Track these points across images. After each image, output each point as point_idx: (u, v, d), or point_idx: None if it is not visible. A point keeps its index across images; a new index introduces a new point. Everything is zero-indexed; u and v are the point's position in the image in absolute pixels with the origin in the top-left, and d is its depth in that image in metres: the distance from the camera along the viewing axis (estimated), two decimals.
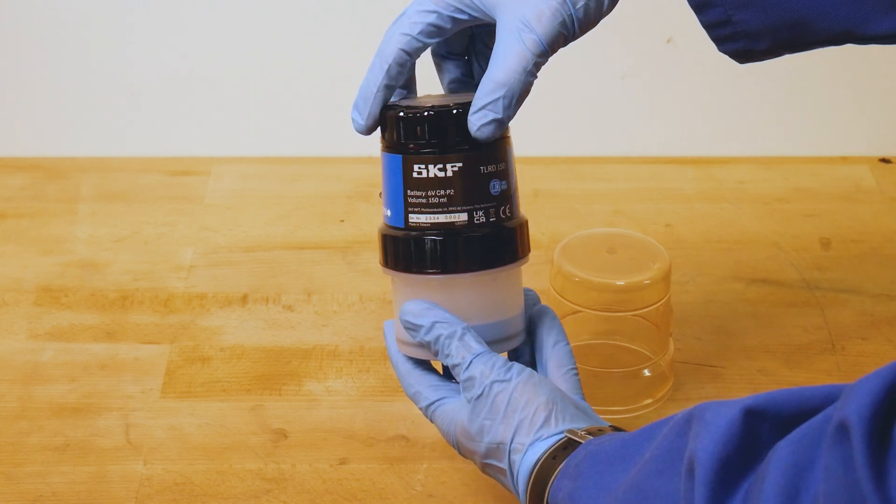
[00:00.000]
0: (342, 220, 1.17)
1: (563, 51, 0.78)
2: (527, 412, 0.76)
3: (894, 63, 1.24)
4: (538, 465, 0.74)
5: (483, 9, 0.77)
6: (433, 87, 0.84)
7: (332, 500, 0.86)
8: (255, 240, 1.14)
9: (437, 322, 0.78)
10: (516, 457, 0.76)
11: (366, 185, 1.21)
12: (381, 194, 0.80)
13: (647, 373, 0.94)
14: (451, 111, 0.77)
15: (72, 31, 1.23)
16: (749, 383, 0.97)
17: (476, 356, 0.77)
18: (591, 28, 0.78)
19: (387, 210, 0.80)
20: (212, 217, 1.17)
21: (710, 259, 1.11)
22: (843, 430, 0.55)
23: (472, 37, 0.82)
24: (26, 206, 1.19)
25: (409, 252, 0.79)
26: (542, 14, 0.75)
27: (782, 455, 0.59)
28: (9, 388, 0.97)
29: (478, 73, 0.83)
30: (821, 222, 1.17)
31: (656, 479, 0.66)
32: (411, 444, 0.91)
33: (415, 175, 0.78)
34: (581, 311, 0.92)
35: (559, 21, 0.76)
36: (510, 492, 0.78)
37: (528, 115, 0.83)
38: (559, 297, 0.92)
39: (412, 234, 0.78)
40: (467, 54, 0.83)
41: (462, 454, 0.80)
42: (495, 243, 0.79)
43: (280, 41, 1.24)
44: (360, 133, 0.80)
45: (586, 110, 1.26)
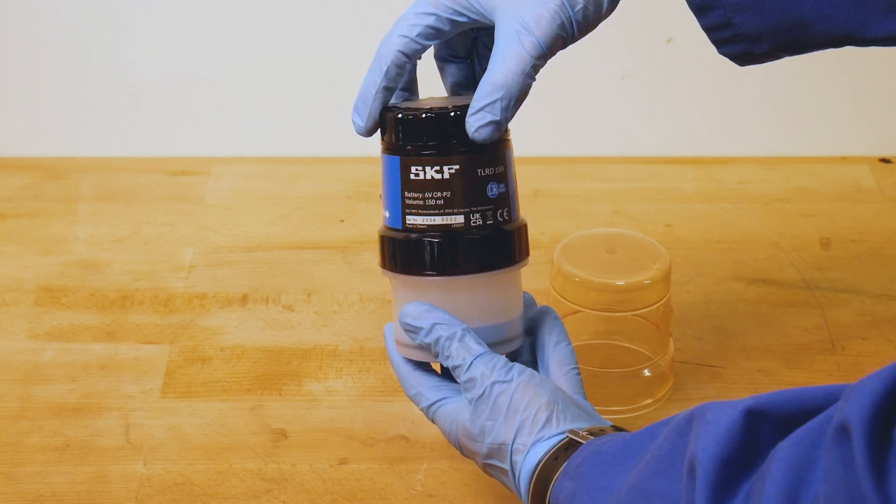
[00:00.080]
0: (342, 220, 1.17)
1: (562, 51, 0.78)
2: (528, 413, 0.76)
3: (894, 63, 1.24)
4: (540, 466, 0.74)
5: (482, 11, 0.77)
6: (437, 91, 0.84)
7: (332, 500, 0.86)
8: (255, 240, 1.14)
9: (436, 324, 0.78)
10: (518, 457, 0.76)
11: (366, 185, 1.21)
12: (381, 196, 0.81)
13: (647, 373, 0.94)
14: (448, 113, 0.77)
15: (72, 31, 1.23)
16: (749, 383, 0.97)
17: (476, 357, 0.77)
18: (590, 31, 0.78)
19: (386, 212, 0.80)
20: (212, 217, 1.17)
21: (710, 259, 1.11)
22: (843, 430, 0.55)
23: (475, 40, 0.82)
24: (26, 206, 1.18)
25: (405, 253, 0.79)
26: (540, 17, 0.75)
27: (783, 456, 0.59)
28: (9, 388, 0.96)
29: (480, 76, 0.82)
30: (821, 222, 1.16)
31: (657, 479, 0.66)
32: (411, 444, 0.91)
33: (412, 177, 0.78)
34: (581, 311, 0.92)
35: (558, 24, 0.76)
36: (511, 492, 0.78)
37: (528, 115, 0.83)
38: (559, 297, 0.92)
39: (409, 236, 0.78)
40: (469, 57, 0.83)
41: (464, 454, 0.80)
42: (492, 246, 0.79)
43: (280, 41, 1.24)
44: (360, 135, 0.80)
45: (586, 110, 1.26)
